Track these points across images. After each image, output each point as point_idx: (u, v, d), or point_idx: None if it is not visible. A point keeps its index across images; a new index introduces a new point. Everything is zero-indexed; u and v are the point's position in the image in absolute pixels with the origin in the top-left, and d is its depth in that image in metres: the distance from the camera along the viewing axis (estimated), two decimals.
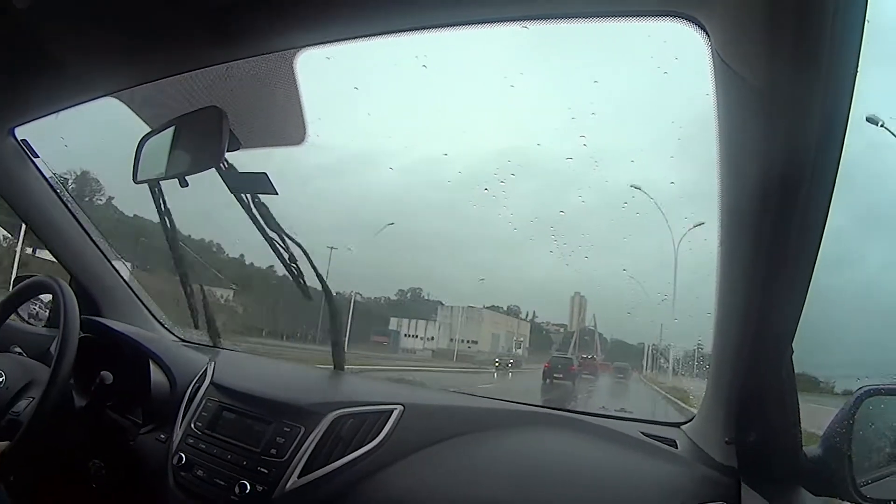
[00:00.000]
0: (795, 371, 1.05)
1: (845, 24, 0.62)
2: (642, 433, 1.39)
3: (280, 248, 1.54)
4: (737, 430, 1.14)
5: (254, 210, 1.42)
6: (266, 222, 1.47)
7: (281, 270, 1.59)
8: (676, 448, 1.33)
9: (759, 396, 1.06)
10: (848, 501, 1.08)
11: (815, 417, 1.27)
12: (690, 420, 1.44)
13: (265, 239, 1.51)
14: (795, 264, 0.84)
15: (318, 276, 1.68)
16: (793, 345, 1.01)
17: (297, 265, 1.61)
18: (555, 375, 14.92)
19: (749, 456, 1.13)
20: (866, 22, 0.64)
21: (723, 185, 0.90)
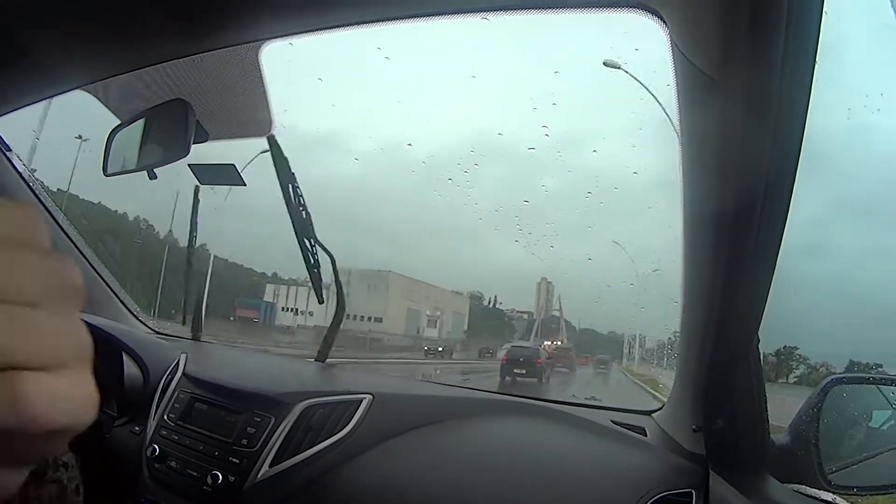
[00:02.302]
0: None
1: (802, 10, 0.63)
2: (612, 421, 1.41)
3: (308, 252, 1.65)
4: (704, 417, 1.16)
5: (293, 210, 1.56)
6: (302, 226, 1.60)
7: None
8: (646, 436, 1.35)
9: (725, 384, 1.07)
10: (815, 488, 1.10)
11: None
12: (660, 408, 1.46)
13: (298, 240, 1.63)
14: (759, 253, 0.85)
15: (336, 278, 1.82)
16: (758, 333, 1.03)
17: (318, 269, 1.70)
18: (516, 372, 12.28)
19: (717, 443, 1.15)
20: (824, 11, 0.64)
21: (685, 174, 0.90)
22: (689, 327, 1.10)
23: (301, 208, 1.60)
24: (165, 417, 1.47)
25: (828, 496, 1.09)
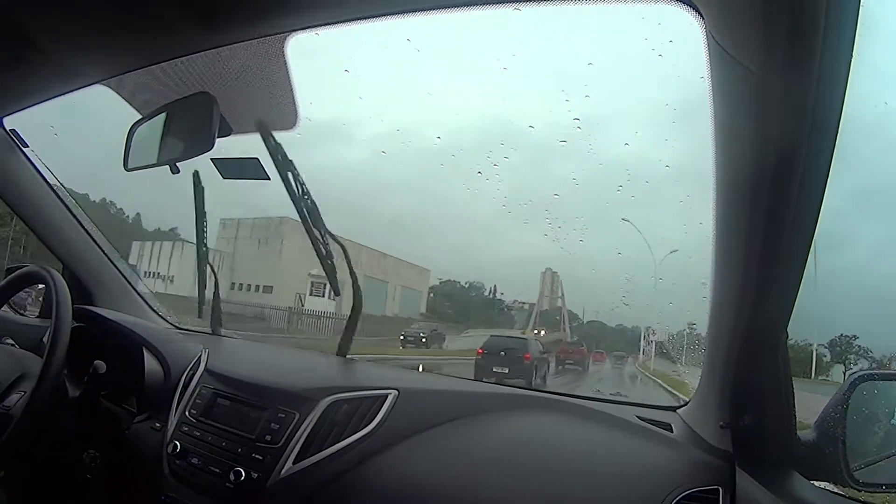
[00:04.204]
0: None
1: (840, 5, 0.62)
2: (638, 417, 1.40)
3: (319, 243, 1.63)
4: (731, 414, 1.15)
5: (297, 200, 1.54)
6: (311, 216, 1.58)
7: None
8: (672, 432, 1.34)
9: (753, 380, 1.07)
10: (841, 485, 1.09)
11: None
12: (686, 404, 1.45)
13: (307, 231, 1.61)
14: (790, 248, 0.84)
15: (350, 268, 1.78)
16: (787, 329, 1.02)
17: (331, 261, 1.68)
18: (496, 370, 9.17)
19: (744, 440, 1.14)
20: (861, 5, 0.63)
21: (717, 169, 0.89)
22: (717, 322, 1.09)
23: (306, 196, 1.57)
24: (187, 413, 1.46)
25: (854, 493, 1.08)
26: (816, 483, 1.11)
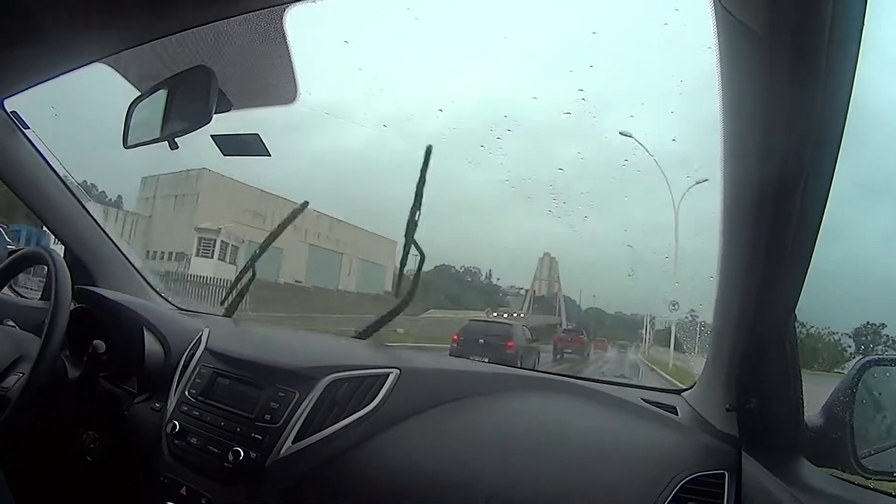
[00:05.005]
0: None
1: None
2: (643, 399, 1.39)
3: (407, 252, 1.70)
4: (738, 397, 1.13)
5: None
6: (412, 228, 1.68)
7: None
8: (677, 415, 1.33)
9: (760, 363, 1.05)
10: (849, 472, 1.07)
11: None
12: (692, 387, 1.44)
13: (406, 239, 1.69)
14: (799, 229, 0.82)
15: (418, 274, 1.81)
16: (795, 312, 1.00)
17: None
18: (474, 359, 6.12)
19: (750, 424, 1.12)
20: None
21: (725, 145, 0.87)
22: (724, 305, 1.08)
23: (417, 210, 1.67)
24: (186, 393, 1.46)
25: (862, 480, 1.06)
26: (823, 469, 1.09)
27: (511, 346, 9.04)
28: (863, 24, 0.63)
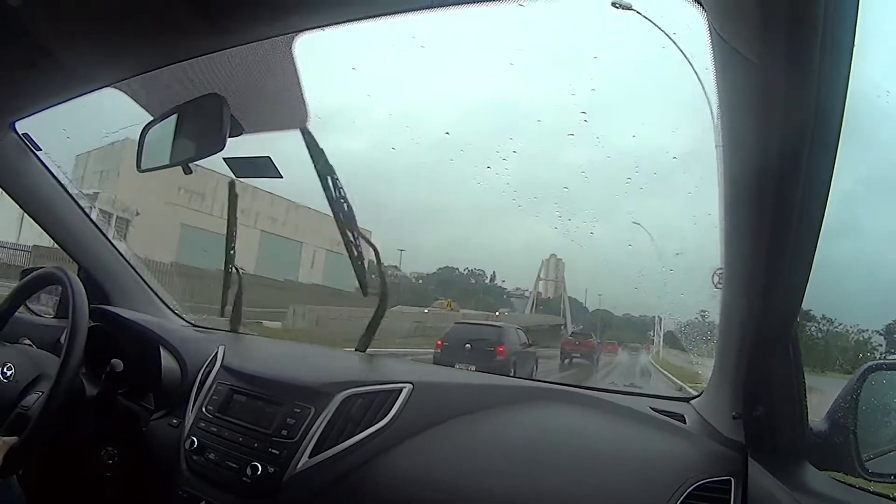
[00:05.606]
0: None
1: None
2: (651, 408, 1.41)
3: (352, 245, 1.68)
4: (744, 404, 1.15)
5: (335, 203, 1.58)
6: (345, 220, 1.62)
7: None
8: (685, 423, 1.35)
9: (765, 371, 1.07)
10: (853, 476, 1.09)
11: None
12: (699, 395, 1.46)
13: (341, 234, 1.65)
14: (799, 238, 0.84)
15: (380, 269, 1.87)
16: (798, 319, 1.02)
17: (361, 262, 1.73)
18: (457, 368, 5.10)
19: (756, 430, 1.14)
20: None
21: (724, 160, 0.89)
22: (728, 313, 1.10)
23: (342, 201, 1.61)
24: (204, 410, 1.48)
25: (865, 484, 1.08)
26: (827, 473, 1.11)
27: (502, 352, 8.15)
28: (853, 46, 0.65)
